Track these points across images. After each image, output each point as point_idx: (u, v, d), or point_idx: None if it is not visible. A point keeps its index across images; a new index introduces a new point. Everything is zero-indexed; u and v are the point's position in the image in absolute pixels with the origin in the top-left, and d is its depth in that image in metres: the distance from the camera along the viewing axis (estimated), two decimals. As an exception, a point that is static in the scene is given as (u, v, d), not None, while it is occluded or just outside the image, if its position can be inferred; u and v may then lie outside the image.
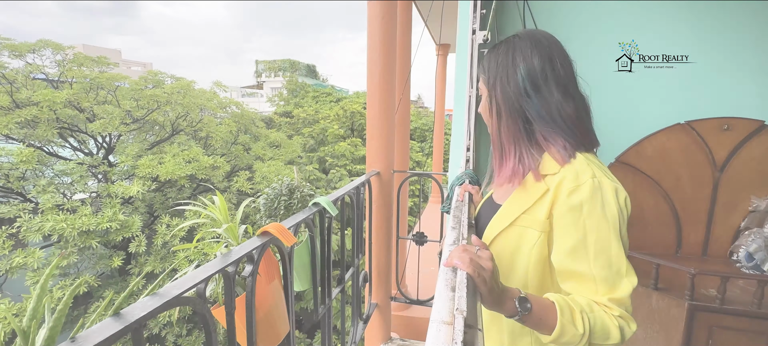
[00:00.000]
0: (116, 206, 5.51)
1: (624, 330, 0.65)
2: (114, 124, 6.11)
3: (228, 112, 8.97)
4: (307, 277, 1.40)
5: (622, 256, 0.67)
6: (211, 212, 1.05)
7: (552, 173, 0.73)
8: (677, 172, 1.65)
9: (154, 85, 7.38)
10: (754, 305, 1.31)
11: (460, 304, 0.51)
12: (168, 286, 0.72)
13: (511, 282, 0.78)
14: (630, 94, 1.68)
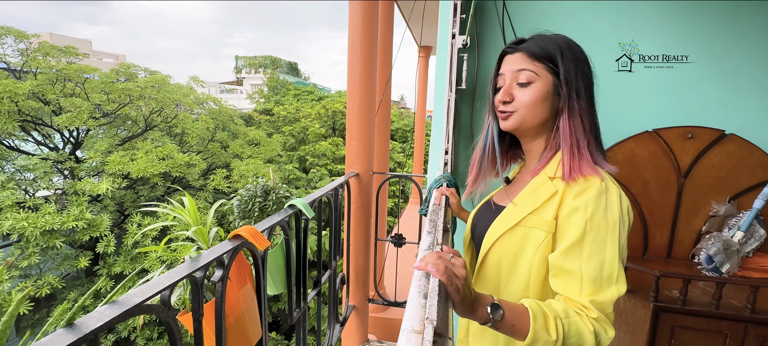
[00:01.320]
0: (83, 204, 5.26)
1: (600, 336, 0.65)
2: (82, 118, 5.83)
3: (205, 108, 8.72)
4: (282, 280, 1.37)
5: (615, 261, 0.67)
6: (180, 213, 1.01)
7: (561, 175, 0.73)
8: (645, 177, 1.72)
9: (127, 79, 7.09)
10: (713, 306, 1.38)
11: (431, 313, 0.51)
12: (129, 293, 0.69)
13: (513, 283, 0.77)
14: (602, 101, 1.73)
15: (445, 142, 1.59)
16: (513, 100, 0.78)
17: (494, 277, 0.80)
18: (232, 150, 8.29)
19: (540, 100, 0.76)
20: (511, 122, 0.80)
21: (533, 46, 0.77)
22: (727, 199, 1.67)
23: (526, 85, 0.76)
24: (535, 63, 0.76)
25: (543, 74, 0.76)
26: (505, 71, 0.80)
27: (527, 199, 0.77)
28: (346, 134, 2.13)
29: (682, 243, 1.75)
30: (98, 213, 5.76)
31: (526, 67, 0.76)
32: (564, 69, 0.75)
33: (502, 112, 0.80)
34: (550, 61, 0.76)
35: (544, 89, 0.76)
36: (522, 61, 0.77)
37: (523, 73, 0.76)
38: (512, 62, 0.79)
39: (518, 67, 0.77)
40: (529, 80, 0.76)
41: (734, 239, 1.61)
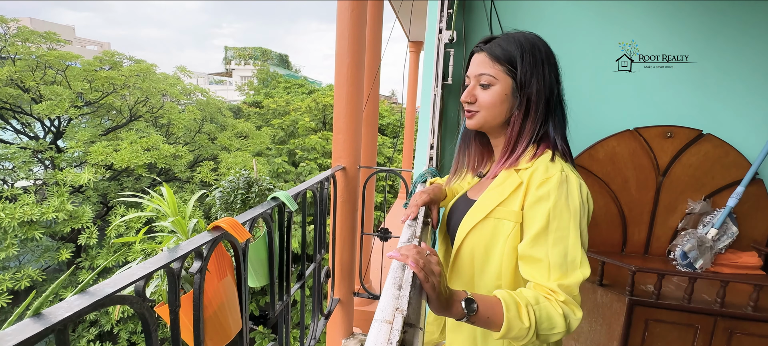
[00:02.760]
0: (64, 195, 5.13)
1: (569, 318, 0.68)
2: (63, 107, 5.67)
3: (192, 99, 8.57)
4: (264, 273, 1.36)
5: (578, 247, 0.71)
6: (157, 204, 0.99)
7: (525, 167, 0.77)
8: (625, 175, 1.75)
9: (111, 67, 6.91)
10: (685, 300, 1.42)
11: (401, 303, 0.51)
12: (102, 283, 0.68)
13: (486, 273, 0.80)
14: (585, 99, 1.76)
15: (431, 136, 1.59)
16: (475, 100, 0.82)
17: (468, 268, 0.83)
18: (220, 142, 8.17)
19: (498, 102, 0.80)
20: (474, 121, 0.84)
21: (495, 49, 0.80)
22: (702, 197, 1.72)
23: (487, 87, 0.81)
24: (495, 66, 0.79)
25: (501, 77, 0.79)
26: (470, 73, 0.84)
27: (495, 191, 0.80)
28: (332, 128, 2.12)
29: (659, 239, 1.80)
30: (80, 204, 5.63)
31: (487, 71, 0.80)
32: (520, 72, 0.78)
33: (468, 111, 0.85)
34: (510, 63, 0.79)
35: (502, 92, 0.80)
36: (484, 64, 0.81)
37: (483, 77, 0.80)
38: (477, 63, 0.83)
39: (480, 71, 0.81)
40: (489, 83, 0.80)
41: (708, 236, 1.66)
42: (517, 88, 0.79)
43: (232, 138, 8.55)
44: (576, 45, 1.73)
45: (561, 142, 0.81)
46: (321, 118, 10.84)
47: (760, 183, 1.68)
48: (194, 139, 7.85)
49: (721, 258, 1.69)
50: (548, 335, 0.69)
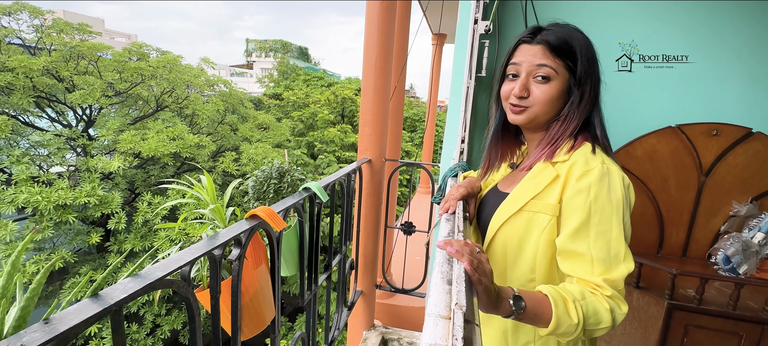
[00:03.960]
0: (95, 181, 5.33)
1: (615, 312, 0.67)
2: (95, 96, 5.87)
3: (215, 90, 8.73)
4: (294, 262, 1.37)
5: (621, 240, 0.68)
6: (197, 191, 1.01)
7: (562, 160, 0.74)
8: (665, 174, 1.68)
9: (139, 58, 7.10)
10: (730, 307, 1.36)
11: (460, 298, 0.50)
12: (151, 267, 0.69)
13: (519, 267, 0.79)
14: (625, 96, 1.69)
15: (462, 130, 1.56)
16: (529, 95, 0.77)
17: (501, 261, 0.81)
18: (242, 133, 8.31)
19: (556, 97, 0.76)
20: (523, 117, 0.79)
21: (554, 40, 0.75)
22: (749, 199, 1.63)
23: (545, 81, 0.75)
24: (555, 59, 0.75)
25: (561, 72, 0.75)
26: (522, 62, 0.77)
27: (529, 184, 0.78)
28: (359, 120, 2.11)
29: (698, 242, 1.72)
30: (110, 190, 5.85)
31: (546, 62, 0.75)
32: (580, 68, 0.75)
33: (516, 106, 0.79)
34: (570, 58, 0.75)
35: (561, 87, 0.76)
36: (542, 55, 0.75)
37: (542, 69, 0.75)
38: (531, 54, 0.77)
39: (538, 62, 0.75)
40: (548, 76, 0.75)
41: (754, 241, 1.57)
42: (574, 84, 0.75)
43: (253, 129, 8.68)
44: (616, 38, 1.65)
45: (602, 136, 0.79)
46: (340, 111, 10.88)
47: (815, 186, 1.58)
48: (217, 129, 8.01)
49: (766, 264, 1.60)
50: (594, 330, 0.67)
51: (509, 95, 0.80)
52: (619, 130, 1.70)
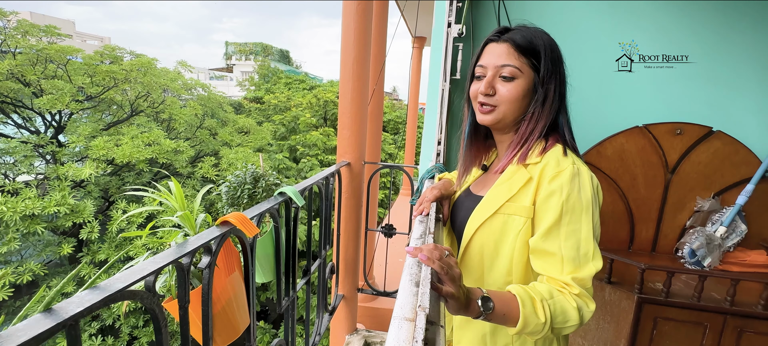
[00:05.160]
0: (65, 190, 5.12)
1: (582, 311, 0.68)
2: (64, 101, 5.64)
3: (193, 94, 8.53)
4: (270, 268, 1.35)
5: (590, 239, 0.70)
6: (165, 198, 0.98)
7: (535, 162, 0.75)
8: (633, 172, 1.74)
9: (112, 61, 6.88)
10: (695, 298, 1.41)
11: (423, 300, 0.50)
12: (112, 278, 0.66)
13: (496, 270, 0.79)
14: (594, 97, 1.74)
15: (438, 132, 1.58)
16: (495, 93, 0.78)
17: (477, 264, 0.82)
18: (221, 138, 8.14)
19: (522, 96, 0.77)
20: (491, 117, 0.80)
21: (520, 39, 0.76)
22: (711, 194, 1.71)
23: (510, 80, 0.77)
24: (519, 58, 0.76)
25: (526, 70, 0.76)
26: (488, 63, 0.79)
27: (503, 187, 0.78)
28: (337, 124, 2.10)
29: (666, 237, 1.79)
30: (82, 199, 5.62)
31: (511, 62, 0.76)
32: (544, 66, 0.76)
33: (484, 104, 0.80)
34: (534, 57, 0.76)
35: (526, 86, 0.77)
36: (507, 55, 0.77)
37: (507, 68, 0.76)
38: (497, 54, 0.78)
39: (503, 61, 0.77)
40: (512, 75, 0.76)
41: (717, 234, 1.65)
42: (538, 83, 0.77)
43: (233, 134, 8.52)
44: (585, 42, 1.71)
45: (569, 136, 0.81)
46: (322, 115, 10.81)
47: (770, 181, 1.66)
48: (195, 134, 7.83)
49: (729, 256, 1.68)
50: (562, 329, 0.68)
51: (477, 95, 0.81)
52: (590, 130, 1.75)
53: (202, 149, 7.81)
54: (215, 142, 8.00)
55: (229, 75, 25.61)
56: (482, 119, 0.81)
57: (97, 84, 6.41)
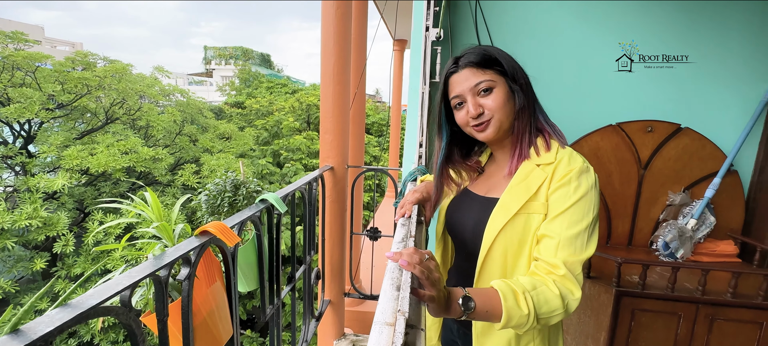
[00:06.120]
0: (37, 202, 4.91)
1: (566, 298, 0.70)
2: (33, 110, 5.42)
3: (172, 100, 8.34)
4: (254, 277, 1.33)
5: (588, 230, 0.74)
6: (142, 209, 0.95)
7: (549, 162, 0.79)
8: (609, 169, 1.80)
9: (84, 68, 6.64)
10: (669, 289, 1.47)
11: (403, 305, 0.50)
12: (85, 294, 0.64)
13: (518, 269, 0.81)
14: (569, 96, 1.79)
15: (419, 135, 1.59)
16: (484, 109, 0.81)
17: (500, 266, 0.82)
18: (202, 144, 7.97)
19: (506, 99, 0.81)
20: (490, 130, 0.82)
21: (475, 57, 0.81)
22: (682, 189, 1.78)
23: (489, 92, 0.81)
24: (485, 72, 0.80)
25: (497, 78, 0.81)
26: (462, 90, 0.82)
27: (520, 187, 0.80)
28: (319, 128, 2.09)
29: (642, 231, 1.85)
30: (55, 211, 5.40)
31: (481, 78, 0.80)
32: (508, 68, 0.81)
33: (478, 124, 0.82)
34: (496, 65, 0.81)
35: (505, 90, 0.81)
36: (474, 75, 0.81)
37: (482, 83, 0.80)
38: (464, 79, 0.82)
39: (475, 81, 0.80)
40: (489, 87, 0.80)
41: (688, 227, 1.72)
42: (512, 83, 0.80)
43: (214, 140, 8.36)
44: (560, 43, 1.76)
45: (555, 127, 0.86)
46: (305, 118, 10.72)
47: (735, 174, 1.74)
48: (175, 141, 7.64)
49: (700, 247, 1.75)
50: (549, 318, 0.70)
51: (467, 120, 0.83)
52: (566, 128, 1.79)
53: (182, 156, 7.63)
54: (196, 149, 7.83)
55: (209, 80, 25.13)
56: (483, 136, 0.83)
57: (68, 91, 6.18)
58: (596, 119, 1.79)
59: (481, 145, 0.99)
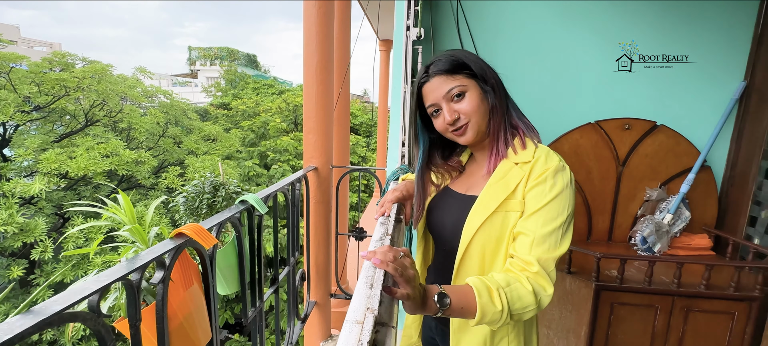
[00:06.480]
0: (13, 207, 4.75)
1: (539, 295, 0.71)
2: (7, 112, 5.24)
3: (155, 102, 8.17)
4: (234, 279, 1.31)
5: (562, 227, 0.75)
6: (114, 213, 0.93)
7: (526, 160, 0.80)
8: (588, 166, 1.83)
9: (62, 69, 6.46)
10: (646, 283, 1.51)
11: (372, 303, 0.50)
12: (50, 300, 0.62)
13: (496, 266, 0.81)
14: (550, 94, 1.82)
15: (402, 134, 1.60)
16: (459, 115, 0.82)
17: (479, 263, 0.83)
18: (187, 146, 7.83)
19: (480, 102, 0.82)
20: (470, 133, 0.83)
21: (444, 64, 0.82)
22: (658, 184, 1.83)
23: (462, 97, 0.82)
24: (457, 77, 0.81)
25: (468, 82, 0.82)
26: (436, 98, 0.83)
27: (499, 185, 0.81)
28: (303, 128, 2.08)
29: (621, 227, 1.89)
30: (32, 217, 5.23)
31: (453, 84, 0.81)
32: (477, 70, 0.82)
33: (456, 129, 0.84)
34: (465, 69, 0.82)
35: (478, 92, 0.82)
36: (445, 82, 0.82)
37: (454, 89, 0.81)
38: (436, 86, 0.83)
39: (446, 88, 0.82)
40: (461, 92, 0.82)
41: (664, 221, 1.76)
42: (483, 85, 0.81)
43: (199, 141, 8.22)
44: (541, 42, 1.78)
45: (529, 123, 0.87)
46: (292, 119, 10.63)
47: (708, 170, 1.80)
48: (158, 143, 7.48)
49: (676, 241, 1.80)
50: (522, 314, 0.71)
51: (445, 126, 0.85)
52: (547, 126, 1.83)
53: (166, 159, 7.48)
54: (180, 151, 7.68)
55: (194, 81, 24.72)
56: (463, 140, 0.85)
57: (45, 93, 6.00)
58: (576, 117, 1.82)
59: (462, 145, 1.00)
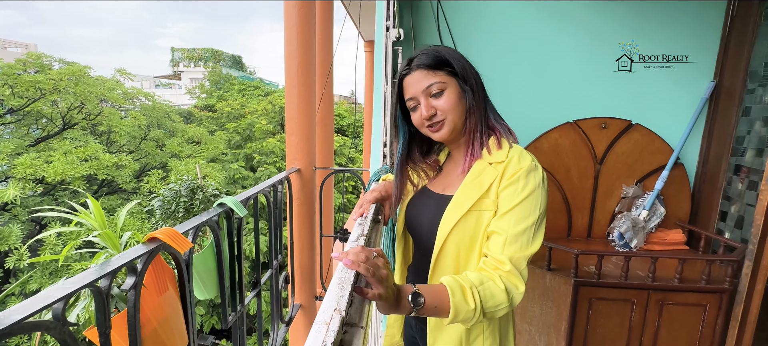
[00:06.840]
0: (-15, 215, 4.57)
1: (511, 293, 0.72)
2: (-20, 116, 5.05)
3: (136, 104, 7.98)
4: (213, 283, 1.29)
5: (535, 226, 0.76)
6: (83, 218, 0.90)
7: (500, 160, 0.81)
8: (567, 164, 1.87)
9: (38, 70, 6.25)
10: (622, 278, 1.54)
11: (340, 303, 0.50)
12: (10, 308, 0.60)
13: (471, 265, 0.82)
14: (529, 94, 1.85)
15: (383, 134, 1.60)
16: (436, 111, 0.82)
17: (454, 262, 0.84)
18: (170, 149, 7.68)
19: (458, 99, 0.83)
20: (445, 130, 0.84)
21: (427, 59, 0.82)
22: (634, 182, 1.87)
23: (441, 94, 0.82)
24: (437, 73, 0.82)
25: (448, 79, 0.82)
26: (415, 92, 0.84)
27: (474, 184, 0.82)
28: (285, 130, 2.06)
29: (599, 223, 1.93)
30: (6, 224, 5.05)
31: (432, 80, 0.82)
32: (458, 68, 0.82)
33: (432, 125, 0.84)
34: (447, 66, 0.82)
35: (456, 90, 0.83)
36: (425, 77, 0.82)
37: (433, 86, 0.82)
38: (417, 80, 0.83)
39: (426, 84, 0.82)
40: (440, 89, 0.82)
41: (640, 217, 1.81)
42: (463, 83, 0.82)
43: (182, 144, 8.07)
44: (520, 42, 1.81)
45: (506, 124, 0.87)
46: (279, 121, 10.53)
47: (681, 167, 1.85)
48: (140, 146, 7.32)
49: (652, 237, 1.85)
50: (495, 312, 0.72)
51: (421, 121, 0.85)
52: (527, 125, 1.86)
53: (149, 162, 7.32)
54: (163, 155, 7.53)
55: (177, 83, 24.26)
56: (438, 137, 0.85)
57: (19, 95, 5.80)
58: (555, 117, 1.85)
59: (440, 144, 1.01)
